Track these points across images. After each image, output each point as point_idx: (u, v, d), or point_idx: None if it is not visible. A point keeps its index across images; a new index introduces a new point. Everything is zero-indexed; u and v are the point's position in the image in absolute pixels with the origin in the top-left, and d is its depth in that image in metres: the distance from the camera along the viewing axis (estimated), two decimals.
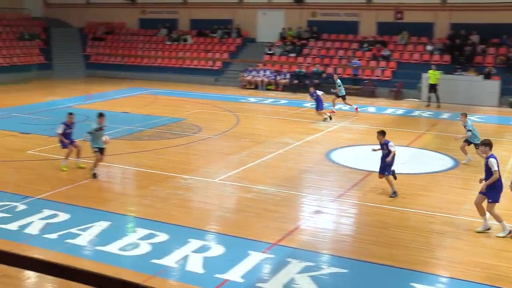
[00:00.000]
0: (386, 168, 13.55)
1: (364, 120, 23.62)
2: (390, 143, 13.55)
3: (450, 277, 9.46)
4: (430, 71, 27.45)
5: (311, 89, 23.39)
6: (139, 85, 33.30)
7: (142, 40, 39.59)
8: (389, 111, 26.16)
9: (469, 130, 16.31)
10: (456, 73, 29.04)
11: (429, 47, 31.69)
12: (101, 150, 14.61)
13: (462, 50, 30.61)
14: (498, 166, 11.03)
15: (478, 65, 29.59)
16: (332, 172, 15.70)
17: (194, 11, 38.99)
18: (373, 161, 16.60)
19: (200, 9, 38.62)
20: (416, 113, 25.95)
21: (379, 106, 27.24)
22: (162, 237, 10.80)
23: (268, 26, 36.70)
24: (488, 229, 11.13)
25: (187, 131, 20.65)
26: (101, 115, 14.83)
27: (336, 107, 24.69)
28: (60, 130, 15.38)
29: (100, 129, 14.65)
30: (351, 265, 9.86)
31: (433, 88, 27.19)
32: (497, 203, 11.05)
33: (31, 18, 41.31)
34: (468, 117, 16.87)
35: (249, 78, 32.95)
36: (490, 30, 30.89)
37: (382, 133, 13.79)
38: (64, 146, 15.40)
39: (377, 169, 15.70)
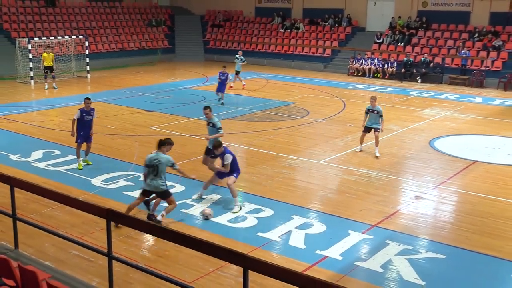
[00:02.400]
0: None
1: (470, 110, 22.54)
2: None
3: None
4: None
5: (224, 69, 22.61)
6: (252, 70, 33.70)
7: (257, 27, 39.92)
8: (497, 102, 24.74)
9: (381, 116, 15.17)
10: None
11: None
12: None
13: None
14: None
15: None
16: (435, 159, 15.15)
17: (307, 0, 38.73)
18: (478, 151, 15.90)
19: None
20: None
21: (487, 97, 25.84)
22: (267, 212, 10.97)
23: (378, 15, 35.81)
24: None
25: (295, 114, 20.70)
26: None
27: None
28: (76, 115, 13.41)
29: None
30: (449, 251, 9.50)
31: None
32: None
33: (158, 6, 42.98)
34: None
35: (357, 65, 32.38)
36: None
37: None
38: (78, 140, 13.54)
39: (482, 159, 15.05)
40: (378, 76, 31.43)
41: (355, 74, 32.21)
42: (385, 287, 8.31)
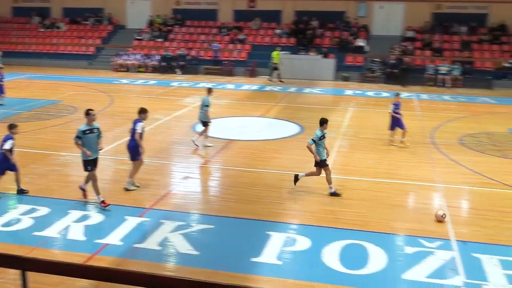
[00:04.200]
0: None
1: (224, 95, 23.83)
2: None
3: (299, 223, 9.92)
4: (274, 52, 28.43)
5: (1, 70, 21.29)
6: (15, 71, 30.90)
7: (16, 27, 36.72)
8: (246, 87, 26.59)
9: (206, 106, 14.63)
10: (300, 53, 30.12)
11: (277, 31, 32.50)
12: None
13: (305, 34, 31.74)
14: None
15: (317, 46, 30.88)
16: (198, 142, 15.70)
17: (66, 0, 36.74)
18: (233, 131, 16.91)
19: None
20: (268, 88, 26.61)
21: (237, 83, 27.60)
22: (43, 210, 10.26)
23: (137, 14, 35.64)
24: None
25: (63, 112, 19.61)
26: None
27: None
28: None
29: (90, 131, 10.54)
30: (217, 221, 10.00)
31: (276, 66, 28.27)
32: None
33: None
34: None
35: (120, 61, 31.85)
36: (327, 17, 32.31)
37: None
38: None
39: (237, 137, 16.01)
40: (142, 70, 31.36)
41: (119, 69, 31.65)
42: (163, 262, 8.44)
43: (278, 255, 8.60)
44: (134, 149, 11.42)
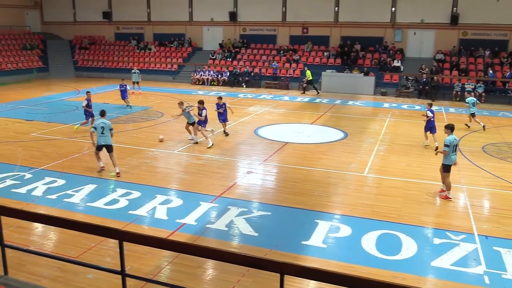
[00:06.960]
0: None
1: (281, 106, 23.78)
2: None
3: (342, 214, 9.75)
4: (307, 71, 28.25)
5: (122, 81, 22.28)
6: (115, 83, 32.03)
7: (117, 49, 38.11)
8: (299, 99, 26.42)
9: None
10: (345, 71, 29.64)
11: (326, 53, 32.11)
12: None
13: (349, 55, 31.19)
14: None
15: (360, 66, 30.27)
16: (259, 143, 15.74)
17: (156, 27, 37.80)
18: (288, 135, 16.84)
19: (160, 26, 37.48)
20: (318, 100, 26.31)
21: (292, 96, 27.48)
22: (135, 194, 10.60)
23: (211, 38, 36.15)
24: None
25: (153, 116, 20.18)
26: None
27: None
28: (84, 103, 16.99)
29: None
30: (273, 209, 9.98)
31: (311, 82, 28.12)
32: None
33: (31, 33, 38.98)
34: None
35: (198, 76, 32.43)
36: (368, 41, 31.61)
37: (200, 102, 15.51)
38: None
39: (291, 140, 15.91)
40: (214, 84, 31.79)
41: (197, 83, 32.23)
42: (229, 241, 8.51)
43: (324, 240, 8.48)
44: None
